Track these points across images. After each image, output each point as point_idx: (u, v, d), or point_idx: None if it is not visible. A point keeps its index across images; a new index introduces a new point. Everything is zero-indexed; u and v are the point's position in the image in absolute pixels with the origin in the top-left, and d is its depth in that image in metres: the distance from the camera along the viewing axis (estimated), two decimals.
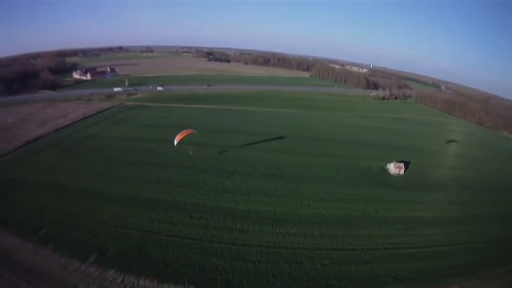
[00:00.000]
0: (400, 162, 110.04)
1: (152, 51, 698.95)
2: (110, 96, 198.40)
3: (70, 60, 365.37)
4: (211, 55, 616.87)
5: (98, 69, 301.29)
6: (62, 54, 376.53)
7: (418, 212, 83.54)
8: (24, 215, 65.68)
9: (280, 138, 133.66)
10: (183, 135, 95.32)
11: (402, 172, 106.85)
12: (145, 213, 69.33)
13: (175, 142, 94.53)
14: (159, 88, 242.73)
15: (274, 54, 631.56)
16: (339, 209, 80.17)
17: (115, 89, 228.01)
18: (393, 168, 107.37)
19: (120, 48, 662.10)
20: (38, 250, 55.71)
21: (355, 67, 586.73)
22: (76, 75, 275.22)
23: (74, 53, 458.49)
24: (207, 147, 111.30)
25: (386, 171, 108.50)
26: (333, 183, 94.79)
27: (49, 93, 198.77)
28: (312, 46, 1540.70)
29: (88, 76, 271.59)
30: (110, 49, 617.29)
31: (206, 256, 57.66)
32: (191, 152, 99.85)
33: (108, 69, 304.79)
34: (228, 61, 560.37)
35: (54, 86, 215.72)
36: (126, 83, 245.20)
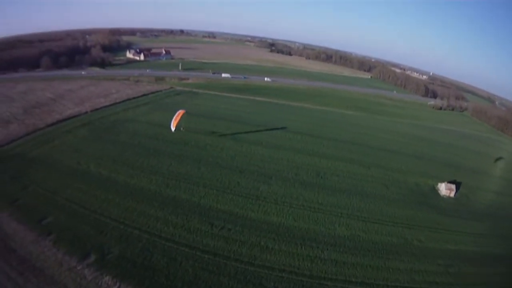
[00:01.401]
0: (452, 182, 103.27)
1: (214, 37, 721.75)
2: (160, 79, 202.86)
3: (126, 39, 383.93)
4: (273, 46, 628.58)
5: (153, 51, 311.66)
6: (118, 32, 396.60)
7: (463, 246, 74.59)
8: (34, 199, 66.50)
9: (331, 141, 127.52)
10: (178, 119, 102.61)
11: (452, 194, 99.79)
12: (162, 214, 66.62)
13: (173, 129, 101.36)
14: (267, 79, 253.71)
15: (337, 51, 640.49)
16: (380, 233, 72.90)
17: (224, 75, 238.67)
18: (444, 189, 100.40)
19: (182, 31, 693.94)
20: (39, 241, 55.35)
21: (415, 73, 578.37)
22: (129, 55, 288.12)
23: (132, 32, 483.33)
24: (248, 144, 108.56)
25: (436, 192, 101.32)
26: (379, 201, 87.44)
27: (96, 70, 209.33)
28: (375, 47, 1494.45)
29: (142, 57, 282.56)
30: (171, 32, 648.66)
31: (217, 275, 52.93)
32: (182, 129, 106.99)
33: (163, 51, 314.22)
34: (290, 54, 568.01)
35: (103, 64, 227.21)
36: (180, 67, 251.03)
